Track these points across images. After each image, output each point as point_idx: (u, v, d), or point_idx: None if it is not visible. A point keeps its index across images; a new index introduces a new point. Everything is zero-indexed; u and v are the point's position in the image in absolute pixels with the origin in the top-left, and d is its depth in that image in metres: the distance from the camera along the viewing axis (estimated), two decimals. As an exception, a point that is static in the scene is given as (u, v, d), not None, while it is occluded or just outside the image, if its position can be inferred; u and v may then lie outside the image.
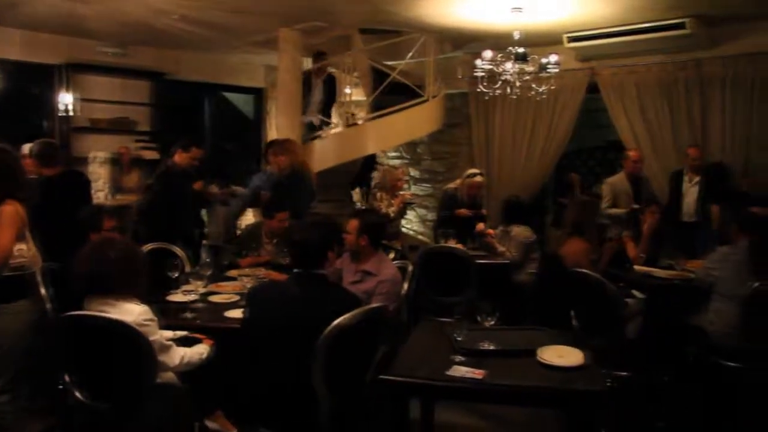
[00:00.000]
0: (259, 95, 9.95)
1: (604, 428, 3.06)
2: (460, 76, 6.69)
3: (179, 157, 5.43)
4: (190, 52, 8.62)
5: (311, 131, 7.56)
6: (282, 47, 7.13)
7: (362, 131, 7.39)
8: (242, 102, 10.58)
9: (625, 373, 3.66)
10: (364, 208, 6.82)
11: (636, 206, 5.84)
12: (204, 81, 9.27)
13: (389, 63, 7.68)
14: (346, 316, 2.58)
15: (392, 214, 6.06)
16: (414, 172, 9.56)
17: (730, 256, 3.91)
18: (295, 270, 2.89)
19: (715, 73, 6.57)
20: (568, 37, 6.89)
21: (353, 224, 3.69)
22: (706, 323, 3.96)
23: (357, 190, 8.45)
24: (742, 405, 3.65)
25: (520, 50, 5.64)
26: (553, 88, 6.08)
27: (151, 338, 2.62)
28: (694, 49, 6.55)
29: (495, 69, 5.73)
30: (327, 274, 2.97)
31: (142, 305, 2.71)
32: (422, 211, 9.36)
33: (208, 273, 3.92)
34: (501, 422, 3.94)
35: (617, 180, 6.40)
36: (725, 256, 3.94)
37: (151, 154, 8.17)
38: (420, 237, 9.08)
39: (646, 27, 6.35)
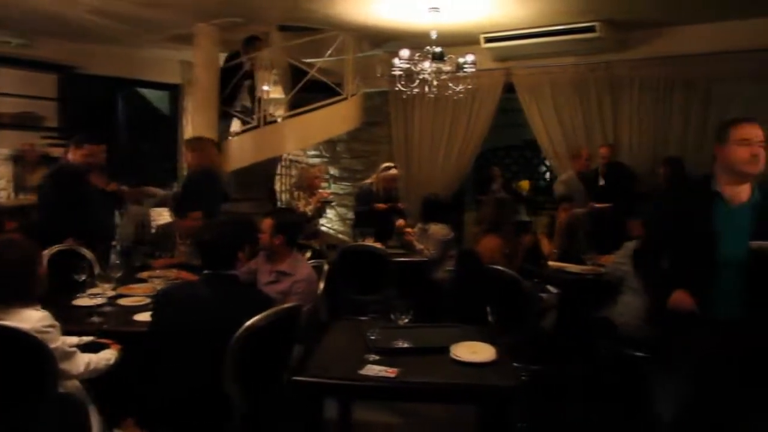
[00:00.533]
0: (175, 92, 9.63)
1: (520, 422, 3.12)
2: (378, 75, 6.67)
3: (72, 155, 5.07)
4: (101, 45, 8.23)
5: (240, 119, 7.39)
6: (198, 43, 6.95)
7: (280, 129, 7.27)
8: (158, 98, 10.22)
9: (538, 367, 3.74)
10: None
11: (596, 205, 6.13)
12: (117, 76, 8.88)
13: (308, 60, 7.60)
14: (258, 317, 2.53)
15: (310, 213, 6.01)
16: (333, 171, 9.53)
17: (636, 251, 4.05)
18: (205, 271, 2.82)
19: (623, 75, 6.83)
20: (485, 38, 6.98)
21: (268, 223, 3.63)
22: (615, 315, 4.11)
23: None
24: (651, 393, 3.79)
25: (438, 50, 5.70)
26: (470, 87, 6.15)
27: (52, 345, 2.48)
28: (604, 52, 6.77)
29: (413, 68, 5.77)
30: (238, 274, 2.90)
31: (42, 311, 2.57)
32: (342, 210, 9.33)
33: (117, 275, 3.79)
34: (420, 419, 3.97)
35: (569, 179, 6.60)
36: (632, 251, 4.08)
37: (59, 152, 7.76)
38: (340, 236, 9.05)
39: (558, 29, 6.49)
